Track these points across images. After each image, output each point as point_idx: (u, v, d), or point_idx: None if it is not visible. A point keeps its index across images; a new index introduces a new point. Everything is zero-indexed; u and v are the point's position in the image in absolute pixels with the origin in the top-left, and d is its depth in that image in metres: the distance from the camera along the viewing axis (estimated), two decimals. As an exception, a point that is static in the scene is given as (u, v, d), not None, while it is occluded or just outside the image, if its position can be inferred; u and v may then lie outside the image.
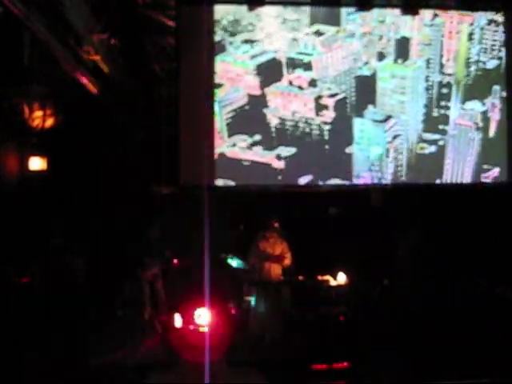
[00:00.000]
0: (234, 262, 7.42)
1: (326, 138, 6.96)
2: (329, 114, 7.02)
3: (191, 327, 5.94)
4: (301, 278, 6.63)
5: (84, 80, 6.39)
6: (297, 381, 5.25)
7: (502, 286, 6.74)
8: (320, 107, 7.00)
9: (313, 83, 6.97)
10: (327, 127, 6.97)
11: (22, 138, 6.71)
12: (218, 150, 6.69)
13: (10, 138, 6.58)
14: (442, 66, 7.25)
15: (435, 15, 7.19)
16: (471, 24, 7.25)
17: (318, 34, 7.07)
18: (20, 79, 6.22)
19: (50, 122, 6.71)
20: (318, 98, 7.00)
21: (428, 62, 7.19)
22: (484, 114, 7.24)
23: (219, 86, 6.72)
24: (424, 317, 6.30)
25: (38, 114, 6.60)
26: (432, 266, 6.92)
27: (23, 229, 6.20)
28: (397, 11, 7.12)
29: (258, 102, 6.83)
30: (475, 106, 7.28)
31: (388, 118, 7.16)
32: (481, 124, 7.23)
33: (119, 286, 7.60)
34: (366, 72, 7.10)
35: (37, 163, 6.82)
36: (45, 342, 5.21)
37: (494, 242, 7.34)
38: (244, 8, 6.82)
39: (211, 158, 6.58)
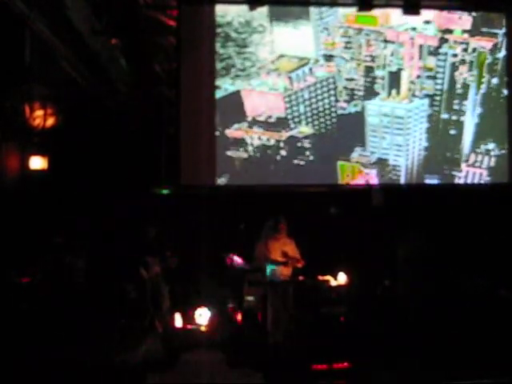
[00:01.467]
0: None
1: (304, 182, 6.34)
2: (305, 157, 6.26)
3: (191, 327, 5.95)
4: (301, 277, 6.62)
5: (84, 80, 6.41)
6: (297, 381, 5.25)
7: (504, 288, 6.73)
8: (294, 149, 6.24)
9: (283, 123, 6.19)
10: (303, 171, 6.30)
11: (23, 138, 6.71)
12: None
13: (11, 137, 6.57)
14: (449, 101, 6.32)
15: (442, 41, 6.27)
16: (492, 50, 6.28)
17: (285, 64, 6.13)
18: (21, 79, 6.22)
19: (50, 122, 6.72)
20: (291, 138, 6.25)
21: (432, 97, 6.29)
22: (501, 157, 6.49)
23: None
24: (425, 317, 6.29)
25: (39, 113, 6.61)
26: (433, 266, 6.91)
27: (24, 229, 6.20)
28: (390, 34, 6.22)
29: (218, 143, 6.32)
30: (491, 148, 6.40)
31: (380, 161, 6.39)
32: (496, 169, 6.52)
33: (120, 286, 7.59)
34: (352, 109, 6.23)
35: (38, 163, 6.82)
36: (45, 342, 5.21)
37: (496, 243, 7.32)
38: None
39: (211, 158, 6.58)
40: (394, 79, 6.29)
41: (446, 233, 7.42)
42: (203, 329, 6.00)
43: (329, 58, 6.24)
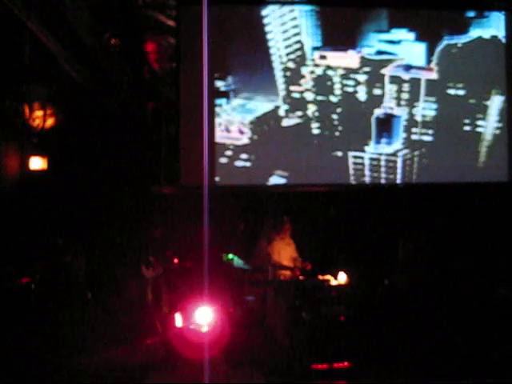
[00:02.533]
0: (236, 262, 7.42)
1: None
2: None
3: (192, 326, 5.94)
4: (301, 277, 6.62)
5: (84, 80, 6.41)
6: (297, 380, 5.25)
7: (504, 287, 6.73)
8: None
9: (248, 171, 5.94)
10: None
11: (22, 138, 6.71)
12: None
13: (11, 138, 6.58)
14: (453, 149, 5.99)
15: (444, 80, 5.65)
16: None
17: (245, 111, 5.74)
18: (20, 79, 6.23)
19: (50, 122, 6.72)
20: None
21: (431, 144, 5.87)
22: None
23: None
24: (425, 317, 6.29)
25: (39, 114, 6.61)
26: (433, 266, 6.90)
27: (23, 229, 6.20)
28: (375, 73, 5.62)
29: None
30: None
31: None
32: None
33: (120, 286, 7.60)
34: (333, 161, 5.70)
35: (37, 163, 6.83)
36: (44, 342, 5.21)
37: (497, 243, 7.32)
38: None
39: (211, 158, 6.58)
40: (385, 125, 5.71)
41: (446, 232, 7.41)
42: (203, 329, 6.00)
43: (298, 103, 5.65)
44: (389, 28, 6.37)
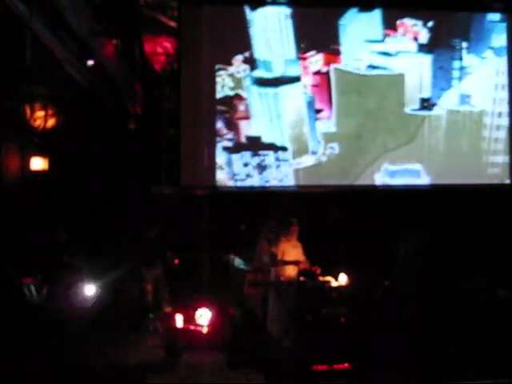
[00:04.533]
0: (237, 262, 7.43)
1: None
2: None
3: (192, 327, 5.95)
4: (302, 278, 6.61)
5: (85, 80, 6.42)
6: (297, 381, 5.25)
7: (505, 288, 6.72)
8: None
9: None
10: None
11: (23, 139, 6.72)
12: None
13: (12, 138, 6.59)
14: None
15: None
16: None
17: None
18: (21, 80, 6.24)
19: (51, 123, 6.73)
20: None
21: None
22: None
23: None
24: (425, 318, 6.28)
25: (40, 114, 6.62)
26: (434, 267, 6.90)
27: (24, 229, 6.21)
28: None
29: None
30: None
31: None
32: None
33: (121, 286, 7.60)
34: None
35: (38, 163, 6.83)
36: (45, 342, 5.21)
37: (497, 244, 7.31)
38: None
39: (211, 158, 6.58)
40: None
41: (447, 233, 7.40)
42: (204, 329, 6.00)
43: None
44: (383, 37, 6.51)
